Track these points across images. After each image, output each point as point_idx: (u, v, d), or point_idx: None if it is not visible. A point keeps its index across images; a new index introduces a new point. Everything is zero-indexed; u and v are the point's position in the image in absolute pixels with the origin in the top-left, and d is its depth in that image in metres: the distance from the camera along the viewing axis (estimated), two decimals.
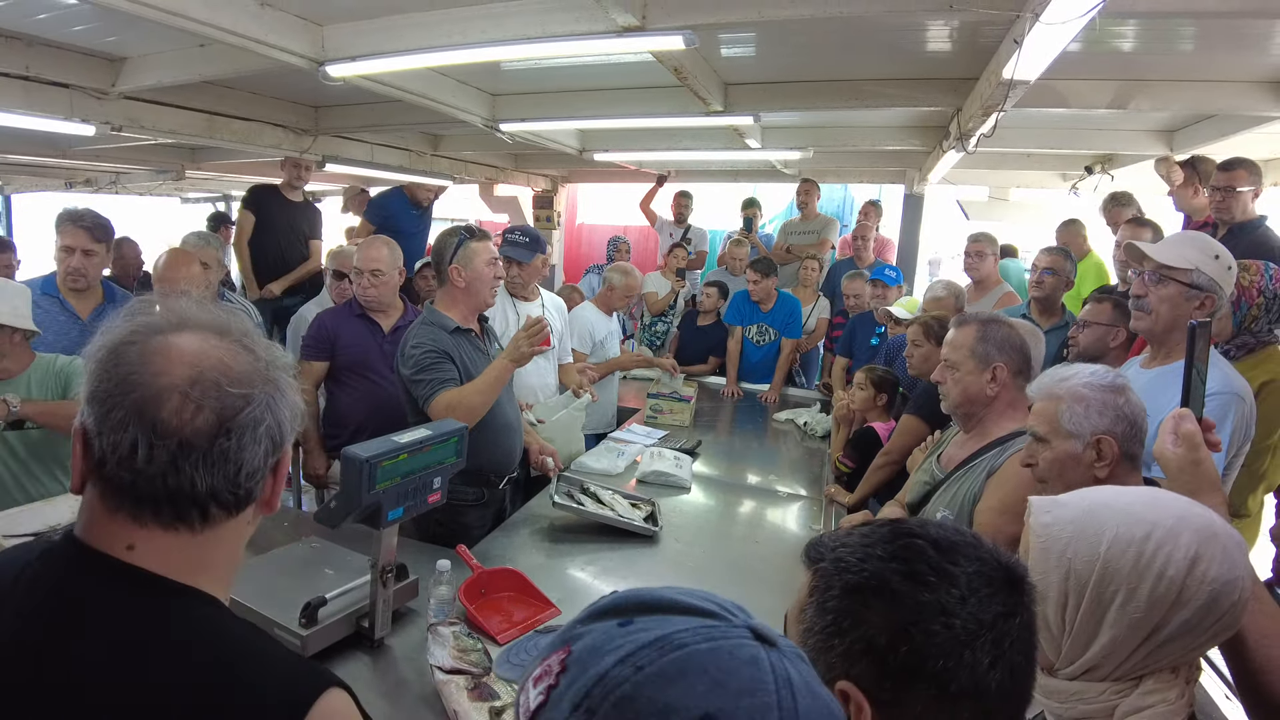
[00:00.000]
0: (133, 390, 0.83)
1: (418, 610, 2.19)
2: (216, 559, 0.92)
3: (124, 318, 0.89)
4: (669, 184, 7.80)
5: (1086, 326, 2.96)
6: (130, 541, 0.86)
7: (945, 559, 0.85)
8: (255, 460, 0.89)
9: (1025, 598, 0.86)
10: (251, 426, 0.88)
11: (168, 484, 0.84)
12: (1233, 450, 2.16)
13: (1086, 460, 1.71)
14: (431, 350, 2.76)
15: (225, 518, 0.90)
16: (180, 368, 0.85)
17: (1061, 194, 6.91)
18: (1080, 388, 1.73)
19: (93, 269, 3.28)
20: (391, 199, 6.66)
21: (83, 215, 3.25)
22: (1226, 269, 2.21)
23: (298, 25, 3.32)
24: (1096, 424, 1.70)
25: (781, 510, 3.46)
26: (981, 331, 2.29)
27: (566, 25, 3.01)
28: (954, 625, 0.81)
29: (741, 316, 5.60)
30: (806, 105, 4.46)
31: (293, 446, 3.60)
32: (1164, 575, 1.05)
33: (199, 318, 0.91)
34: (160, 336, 0.87)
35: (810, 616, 0.88)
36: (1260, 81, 3.70)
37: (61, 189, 9.67)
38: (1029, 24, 2.34)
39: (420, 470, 1.98)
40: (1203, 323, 1.49)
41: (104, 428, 0.83)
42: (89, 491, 0.87)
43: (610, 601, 0.65)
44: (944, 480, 2.34)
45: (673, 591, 0.65)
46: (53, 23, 3.50)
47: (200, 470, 0.85)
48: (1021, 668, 0.84)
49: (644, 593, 0.65)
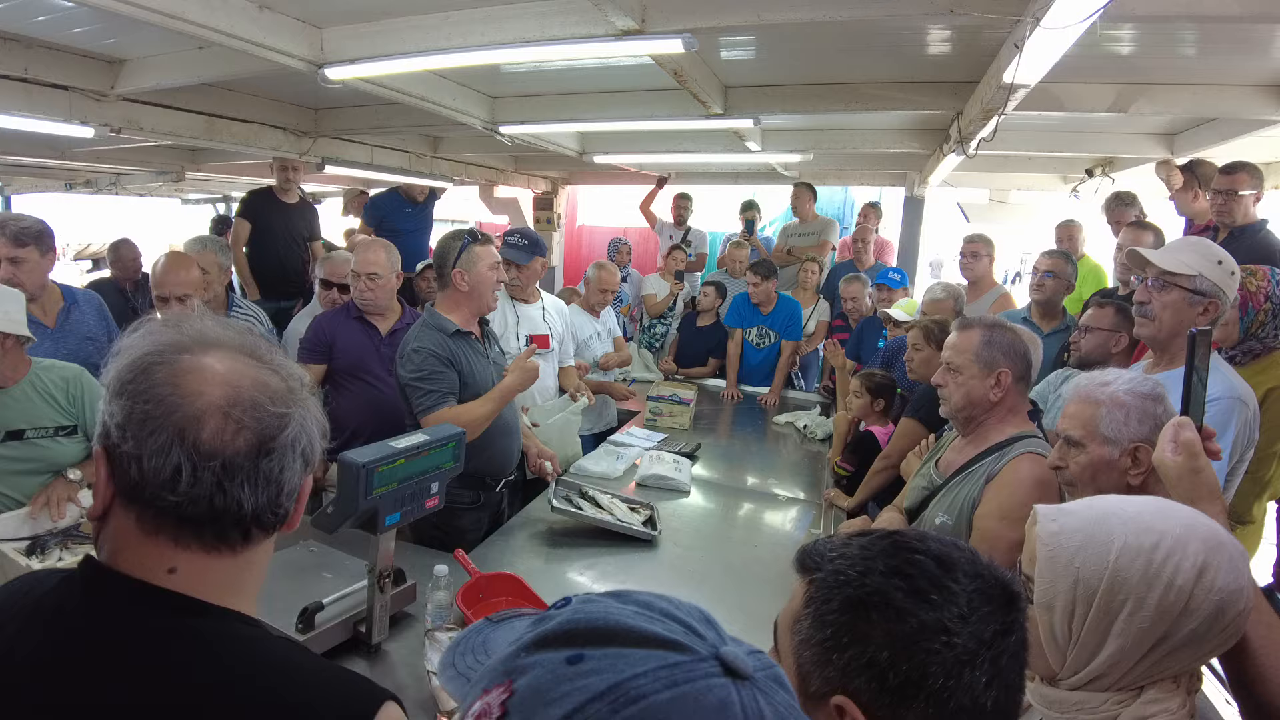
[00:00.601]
0: (173, 411, 0.82)
1: (415, 615, 2.18)
2: (250, 580, 0.92)
3: (142, 335, 0.88)
4: (669, 186, 7.80)
5: (1089, 332, 2.95)
6: (172, 565, 0.84)
7: (947, 576, 0.84)
8: (294, 480, 0.89)
9: (1020, 615, 0.86)
10: (291, 446, 0.88)
11: (214, 505, 0.83)
12: (1235, 456, 2.14)
13: (1122, 467, 1.69)
14: (433, 356, 2.75)
15: (263, 538, 0.90)
16: (215, 388, 0.84)
17: (1062, 197, 6.90)
18: (1122, 394, 1.71)
19: (26, 275, 3.06)
20: (386, 199, 6.68)
21: (3, 223, 3.05)
22: (1230, 274, 2.20)
23: (296, 28, 3.32)
24: (1135, 432, 1.68)
25: (781, 514, 3.45)
26: (987, 336, 2.28)
27: (566, 28, 3.00)
28: (955, 644, 0.80)
29: (741, 319, 5.60)
30: (806, 108, 4.46)
31: None
32: (1173, 584, 1.04)
33: (223, 337, 0.90)
34: (188, 356, 0.86)
35: (807, 628, 0.87)
36: (1261, 85, 3.69)
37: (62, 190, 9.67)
38: (1029, 28, 2.33)
39: (418, 475, 1.98)
40: (1203, 330, 1.49)
41: (144, 450, 0.81)
42: (120, 516, 0.85)
43: (560, 625, 0.58)
44: (942, 485, 2.33)
45: (632, 612, 0.58)
46: (52, 25, 3.49)
47: (245, 490, 0.84)
48: (1015, 685, 0.84)
49: (598, 616, 0.58)
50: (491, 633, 0.69)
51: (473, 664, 0.65)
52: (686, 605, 0.61)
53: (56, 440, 2.62)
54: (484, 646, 0.67)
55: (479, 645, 0.68)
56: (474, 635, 0.70)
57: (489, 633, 0.70)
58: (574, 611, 0.59)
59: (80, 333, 3.32)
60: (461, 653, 0.68)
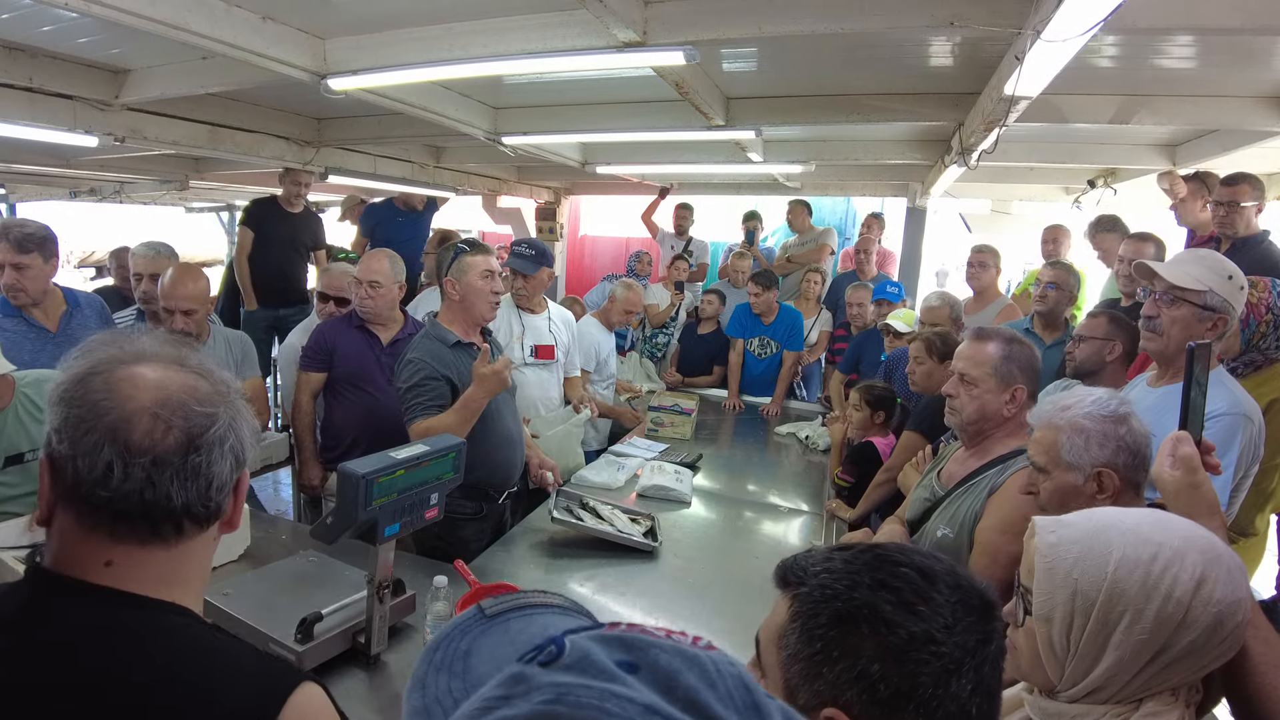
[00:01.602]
0: (105, 414, 0.89)
1: (415, 626, 2.18)
2: (188, 573, 0.98)
3: (81, 355, 0.97)
4: (671, 196, 7.82)
5: (1083, 341, 2.94)
6: (108, 558, 0.91)
7: (931, 587, 0.85)
8: (223, 475, 0.96)
9: (998, 623, 0.87)
10: (219, 443, 0.95)
11: (144, 499, 0.90)
12: (1240, 472, 2.12)
13: (1088, 492, 1.68)
14: (424, 367, 2.75)
15: (196, 531, 0.96)
16: (147, 392, 0.92)
17: (1064, 208, 6.91)
18: (1080, 419, 1.69)
19: (30, 281, 3.10)
20: (380, 207, 6.72)
21: (7, 228, 3.09)
22: (1239, 289, 2.19)
23: (300, 39, 3.33)
24: (1097, 456, 1.67)
25: (783, 525, 3.44)
26: (1006, 350, 2.25)
27: (568, 40, 3.01)
28: (942, 654, 0.81)
29: (743, 329, 5.60)
30: (808, 119, 4.47)
31: (289, 457, 3.59)
32: (1171, 596, 1.04)
33: (156, 351, 0.99)
34: (124, 367, 0.94)
35: (794, 643, 0.87)
36: (1262, 97, 3.69)
37: (66, 198, 9.69)
38: (1030, 40, 2.34)
39: (417, 486, 1.97)
40: (1202, 344, 1.48)
41: (77, 451, 0.88)
42: (60, 518, 0.92)
43: (542, 705, 0.42)
44: (944, 497, 2.32)
45: (640, 710, 0.41)
46: (57, 35, 3.51)
47: (175, 485, 0.91)
48: (995, 692, 0.85)
49: (581, 694, 0.42)
50: (480, 637, 0.60)
51: (443, 692, 0.55)
52: (728, 675, 0.46)
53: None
54: (465, 661, 0.57)
55: (460, 656, 0.58)
56: (459, 637, 0.60)
57: (476, 636, 0.60)
58: (556, 698, 0.42)
59: (83, 336, 3.30)
60: (438, 666, 0.57)
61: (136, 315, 3.72)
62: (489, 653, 0.57)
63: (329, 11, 3.17)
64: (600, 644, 0.47)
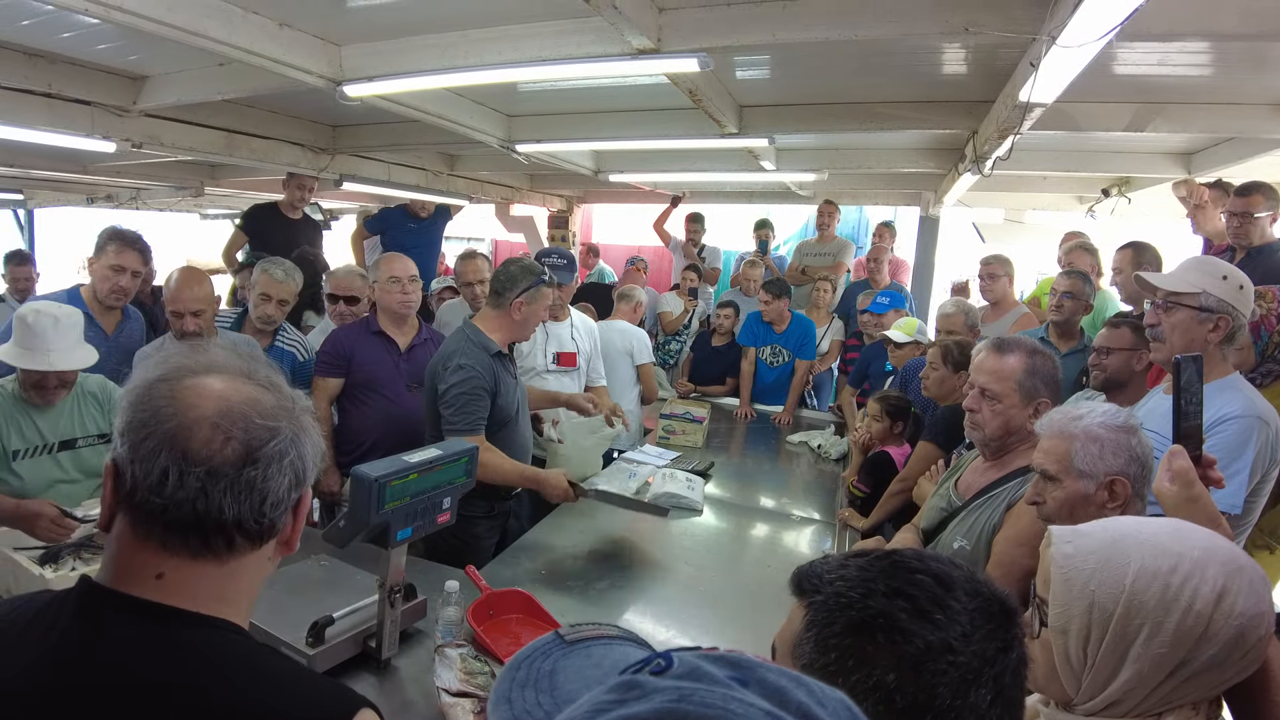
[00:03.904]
0: (166, 421, 0.89)
1: (426, 631, 2.17)
2: (238, 591, 0.96)
3: (156, 363, 0.95)
4: (683, 205, 7.83)
5: (1110, 354, 2.90)
6: (160, 570, 0.89)
7: (948, 595, 0.83)
8: (279, 491, 0.94)
9: (1019, 631, 0.85)
10: (277, 458, 0.93)
11: (196, 510, 0.88)
12: (1257, 476, 2.11)
13: (1098, 501, 1.69)
14: (475, 377, 2.83)
15: (249, 549, 0.94)
16: (210, 402, 0.91)
17: (1078, 217, 6.88)
18: (1095, 428, 1.71)
19: (134, 289, 3.47)
20: (392, 212, 6.76)
21: (136, 238, 3.42)
22: (1238, 288, 2.18)
23: (316, 45, 3.36)
24: (1110, 465, 1.68)
25: (795, 534, 3.42)
26: (1029, 364, 2.22)
27: (582, 47, 3.03)
28: (960, 663, 0.79)
29: (755, 337, 5.58)
30: (821, 128, 4.47)
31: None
32: (1191, 609, 1.02)
33: (226, 362, 0.97)
34: (192, 376, 0.93)
35: (810, 653, 0.85)
36: (1277, 104, 3.67)
37: (83, 204, 9.77)
38: (1045, 47, 2.33)
39: (430, 490, 1.97)
40: (1189, 356, 1.49)
41: (136, 456, 0.88)
42: (118, 524, 0.91)
43: (658, 715, 0.43)
44: (961, 508, 2.29)
45: (762, 714, 0.43)
46: (76, 42, 3.56)
47: (228, 497, 0.89)
48: (1016, 702, 0.83)
49: (713, 713, 0.42)
50: (563, 659, 0.62)
51: (532, 705, 0.57)
52: (831, 698, 0.47)
53: (98, 448, 2.74)
54: (550, 679, 0.59)
55: (544, 675, 0.60)
56: (540, 659, 0.62)
57: (559, 658, 0.62)
58: (680, 697, 0.43)
59: (128, 346, 3.52)
60: (522, 683, 0.59)
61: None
62: (575, 673, 0.59)
63: (345, 18, 3.20)
64: (706, 660, 0.48)
